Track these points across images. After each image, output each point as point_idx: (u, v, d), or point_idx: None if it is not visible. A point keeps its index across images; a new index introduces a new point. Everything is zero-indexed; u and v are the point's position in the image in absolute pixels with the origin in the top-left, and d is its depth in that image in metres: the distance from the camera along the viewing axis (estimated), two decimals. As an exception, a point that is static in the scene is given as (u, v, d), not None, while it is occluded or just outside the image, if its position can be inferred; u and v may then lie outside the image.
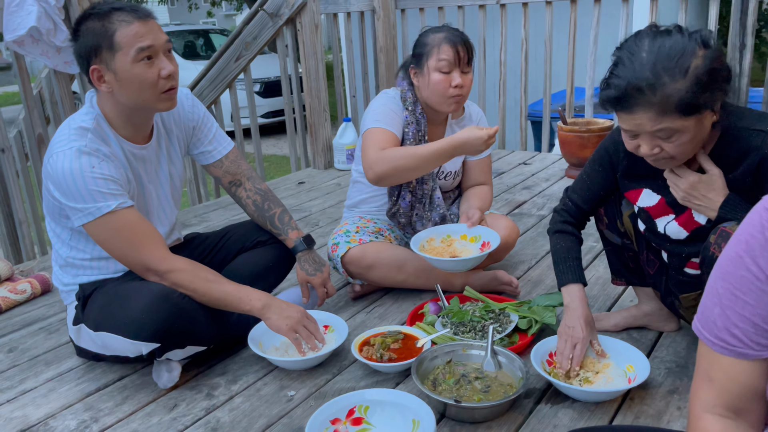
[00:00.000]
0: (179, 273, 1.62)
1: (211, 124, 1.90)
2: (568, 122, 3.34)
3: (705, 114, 1.26)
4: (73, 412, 1.61)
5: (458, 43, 1.97)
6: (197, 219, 3.18)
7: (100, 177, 1.55)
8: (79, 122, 1.60)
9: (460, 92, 1.99)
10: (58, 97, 2.79)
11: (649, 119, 1.24)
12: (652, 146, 1.30)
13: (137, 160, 1.70)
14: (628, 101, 1.24)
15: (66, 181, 1.53)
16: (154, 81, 1.57)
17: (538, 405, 1.52)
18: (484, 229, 2.02)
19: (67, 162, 1.53)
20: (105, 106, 1.63)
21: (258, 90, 8.10)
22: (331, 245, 2.11)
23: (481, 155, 2.21)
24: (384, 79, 4.24)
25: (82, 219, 1.56)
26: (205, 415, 1.56)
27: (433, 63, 1.97)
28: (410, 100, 2.08)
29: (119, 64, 1.54)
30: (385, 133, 2.00)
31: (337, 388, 1.63)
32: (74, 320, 1.73)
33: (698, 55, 1.22)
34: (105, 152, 1.59)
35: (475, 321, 1.84)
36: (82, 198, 1.54)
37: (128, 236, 1.59)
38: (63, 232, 1.70)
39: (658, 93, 1.21)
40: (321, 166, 4.01)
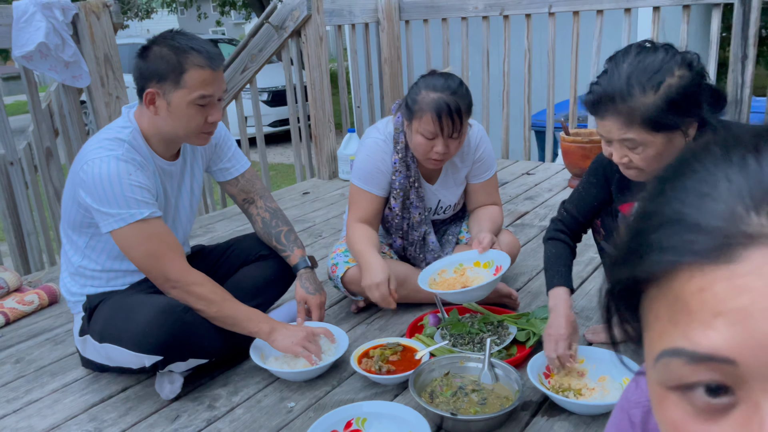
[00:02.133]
0: (199, 287, 1.66)
1: (231, 143, 1.96)
2: (570, 132, 3.36)
3: (675, 134, 1.30)
4: (77, 422, 1.64)
5: (445, 116, 1.81)
6: (202, 230, 3.21)
7: (136, 185, 1.60)
8: (115, 133, 1.66)
9: (441, 158, 1.91)
10: (67, 111, 2.84)
11: (616, 127, 1.32)
12: (621, 155, 1.37)
13: (165, 174, 1.76)
14: (600, 107, 1.33)
15: (103, 186, 1.57)
16: (200, 125, 1.65)
17: (534, 417, 1.53)
18: (496, 253, 1.93)
19: (105, 167, 1.58)
20: (143, 122, 1.69)
21: (265, 99, 8.17)
22: (331, 266, 2.13)
23: (486, 176, 2.15)
24: (388, 89, 4.28)
25: (112, 225, 1.60)
26: (207, 426, 1.59)
27: (416, 126, 1.87)
28: (402, 144, 2.00)
29: (176, 99, 1.60)
30: (364, 196, 2.02)
31: (337, 400, 1.65)
32: (80, 331, 1.77)
33: (675, 75, 1.27)
34: (140, 162, 1.65)
35: (473, 333, 1.85)
36: (117, 203, 1.58)
37: (154, 246, 1.63)
38: (80, 240, 1.75)
39: (626, 104, 1.28)
40: (326, 176, 4.05)
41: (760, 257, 0.33)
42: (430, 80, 1.88)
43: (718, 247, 0.34)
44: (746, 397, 0.34)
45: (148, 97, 1.62)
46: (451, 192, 2.14)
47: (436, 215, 2.19)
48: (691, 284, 0.35)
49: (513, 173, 3.83)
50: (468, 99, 1.88)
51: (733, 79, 3.22)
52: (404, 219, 2.09)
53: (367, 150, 2.03)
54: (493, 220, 2.13)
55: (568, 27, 3.68)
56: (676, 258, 0.35)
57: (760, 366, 0.33)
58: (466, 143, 2.08)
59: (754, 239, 0.33)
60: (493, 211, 2.17)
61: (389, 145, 2.02)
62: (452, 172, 2.10)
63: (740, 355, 0.33)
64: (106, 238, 1.68)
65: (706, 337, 0.34)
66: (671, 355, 0.36)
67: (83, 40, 2.66)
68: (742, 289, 0.33)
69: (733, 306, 0.33)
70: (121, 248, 1.64)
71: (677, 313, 0.36)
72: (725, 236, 0.34)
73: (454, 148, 1.91)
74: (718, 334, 0.33)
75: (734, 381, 0.34)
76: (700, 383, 0.35)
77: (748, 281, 0.33)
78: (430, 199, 2.13)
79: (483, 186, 2.17)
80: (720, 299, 0.34)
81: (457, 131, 1.86)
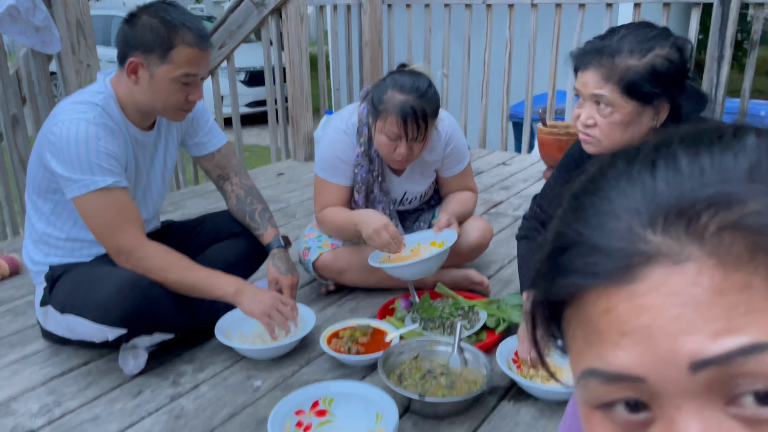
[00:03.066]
0: (151, 259, 1.61)
1: (208, 117, 1.92)
2: (548, 124, 3.37)
3: (645, 109, 1.33)
4: (36, 395, 1.59)
5: (410, 120, 1.76)
6: (173, 206, 3.15)
7: (104, 151, 1.55)
8: (89, 97, 1.61)
9: (403, 159, 1.86)
10: (35, 77, 2.75)
11: (594, 80, 1.35)
12: (588, 116, 1.39)
13: (138, 145, 1.71)
14: (586, 58, 1.37)
15: (69, 150, 1.52)
16: (179, 102, 1.62)
17: (501, 402, 1.53)
18: (449, 232, 1.94)
19: (73, 129, 1.53)
20: (120, 89, 1.64)
21: (243, 79, 8.04)
22: (303, 249, 2.10)
23: (457, 169, 2.12)
24: (368, 73, 4.24)
25: (75, 191, 1.56)
26: (170, 403, 1.56)
27: (380, 125, 1.82)
28: (365, 138, 1.95)
29: (160, 73, 1.56)
30: (328, 187, 2.00)
31: (304, 380, 1.64)
32: (42, 302, 1.72)
33: (665, 48, 1.30)
34: (111, 128, 1.60)
35: (444, 317, 1.85)
36: (81, 168, 1.53)
37: (112, 216, 1.59)
38: (45, 205, 1.69)
39: (612, 59, 1.32)
40: (301, 158, 4.00)
41: (658, 275, 0.33)
42: (399, 79, 1.81)
43: (619, 269, 0.34)
44: (661, 413, 0.34)
45: (131, 66, 1.57)
46: (418, 183, 2.11)
47: (402, 206, 2.17)
48: (598, 306, 0.35)
49: (489, 163, 3.84)
50: (435, 102, 1.82)
51: (708, 80, 3.26)
52: None
53: (329, 140, 1.99)
54: (460, 202, 2.12)
55: (550, 19, 3.68)
56: (581, 281, 0.36)
57: (666, 382, 0.33)
58: (436, 136, 2.02)
59: (651, 258, 0.34)
60: (463, 195, 2.16)
61: (351, 137, 1.97)
62: (419, 165, 2.06)
63: (648, 372, 0.34)
64: (72, 205, 1.63)
65: (615, 356, 0.34)
66: (588, 375, 0.37)
67: (55, 5, 2.57)
68: (643, 308, 0.34)
69: (636, 325, 0.34)
70: (82, 215, 1.60)
71: (590, 334, 0.36)
72: (624, 257, 0.34)
73: (417, 150, 1.87)
74: (626, 354, 0.34)
75: (649, 397, 0.35)
76: (618, 401, 0.36)
77: (648, 300, 0.33)
78: (395, 191, 2.10)
79: (455, 178, 2.15)
80: (624, 319, 0.34)
81: (422, 135, 1.81)
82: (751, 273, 0.32)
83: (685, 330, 0.32)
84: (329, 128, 2.01)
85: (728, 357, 0.32)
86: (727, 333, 0.32)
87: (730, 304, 0.32)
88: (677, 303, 0.33)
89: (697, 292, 0.32)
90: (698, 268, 0.32)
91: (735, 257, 0.32)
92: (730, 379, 0.32)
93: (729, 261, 0.32)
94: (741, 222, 0.33)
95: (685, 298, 0.32)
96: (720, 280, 0.32)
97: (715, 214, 0.33)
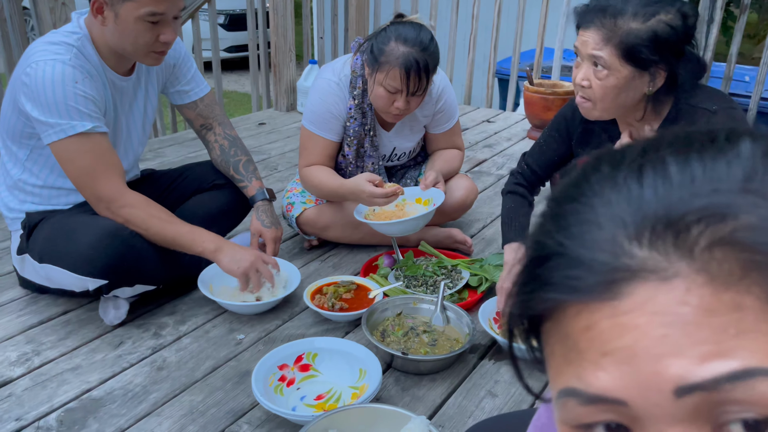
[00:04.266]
0: (132, 209, 1.58)
1: (191, 65, 1.85)
2: (534, 83, 3.34)
3: (642, 75, 1.32)
4: (14, 343, 1.58)
5: (413, 74, 1.73)
6: (152, 153, 3.08)
7: (81, 94, 1.49)
8: (63, 37, 1.53)
9: (400, 113, 1.84)
10: (8, 14, 2.62)
11: (594, 40, 1.33)
12: (584, 76, 1.38)
13: (116, 90, 1.65)
14: (588, 15, 1.34)
15: (45, 93, 1.46)
16: (149, 43, 1.53)
17: (482, 360, 1.56)
18: (436, 191, 1.94)
19: (49, 71, 1.46)
20: (95, 30, 1.56)
21: (222, 22, 7.77)
22: (286, 204, 2.08)
23: (446, 126, 2.09)
24: (353, 21, 4.13)
25: (52, 136, 1.50)
26: (152, 354, 1.55)
27: (379, 77, 1.77)
28: (359, 90, 1.90)
29: (124, 12, 1.47)
30: (316, 141, 1.94)
31: (287, 335, 1.64)
32: (18, 249, 1.68)
33: (669, 14, 1.27)
34: (89, 70, 1.53)
35: (427, 276, 1.86)
36: (58, 113, 1.47)
37: (91, 162, 1.54)
38: (21, 151, 1.63)
39: (614, 19, 1.30)
40: (283, 108, 3.93)
41: (643, 293, 0.31)
42: (402, 30, 1.76)
43: (601, 284, 0.32)
44: None
45: (96, 5, 1.49)
46: (407, 139, 2.08)
47: (390, 162, 2.15)
48: (578, 322, 0.33)
49: (473, 120, 3.81)
50: (437, 56, 1.79)
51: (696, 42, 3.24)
52: (358, 168, 2.04)
53: (320, 92, 1.93)
54: (446, 160, 2.11)
55: (542, -26, 3.60)
56: (560, 296, 0.34)
57: (649, 406, 0.31)
58: (428, 93, 1.99)
59: (636, 273, 0.31)
60: (450, 153, 2.15)
61: (343, 89, 1.92)
62: (409, 120, 2.03)
63: (629, 396, 0.32)
64: (49, 151, 1.57)
65: (596, 377, 0.32)
66: (567, 395, 0.35)
67: (26, -64, 2.43)
68: (625, 327, 0.31)
69: (619, 345, 0.32)
70: (59, 162, 1.55)
71: (569, 351, 0.34)
72: (607, 271, 0.32)
73: (415, 104, 1.84)
74: (607, 375, 0.32)
75: (630, 421, 0.33)
76: (598, 423, 0.34)
77: (631, 318, 0.31)
78: (385, 147, 2.07)
79: (443, 135, 2.13)
80: (606, 338, 0.32)
81: (422, 90, 1.79)
82: (743, 292, 0.30)
83: (671, 352, 0.30)
84: (320, 80, 1.95)
85: (716, 382, 0.30)
86: (716, 356, 0.30)
87: (720, 325, 0.30)
88: (663, 323, 0.30)
89: (684, 312, 0.30)
90: (686, 286, 0.30)
91: (726, 275, 0.30)
92: (718, 406, 0.30)
93: (720, 279, 0.30)
94: (733, 237, 0.30)
95: (672, 317, 0.30)
96: (710, 299, 0.30)
97: (706, 228, 0.31)
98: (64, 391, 1.41)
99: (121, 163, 1.62)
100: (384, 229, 1.86)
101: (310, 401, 1.38)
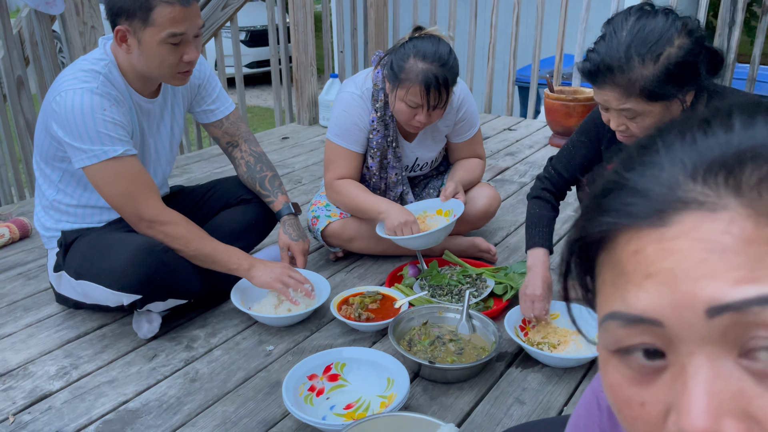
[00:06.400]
0: (174, 226, 1.63)
1: (216, 83, 1.90)
2: (554, 90, 3.34)
3: (673, 102, 1.30)
4: (53, 358, 1.63)
5: (433, 90, 1.76)
6: (179, 170, 3.15)
7: (110, 120, 1.54)
8: (91, 65, 1.59)
9: (420, 125, 1.87)
10: (39, 38, 2.71)
11: (614, 98, 1.30)
12: (619, 123, 1.36)
13: (143, 112, 1.70)
14: (599, 77, 1.31)
15: (75, 120, 1.52)
16: (174, 64, 1.58)
17: (509, 368, 1.57)
18: (456, 202, 1.97)
19: (78, 100, 1.52)
20: (120, 56, 1.62)
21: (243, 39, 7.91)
22: (311, 218, 2.12)
23: (467, 135, 2.11)
24: (373, 35, 4.18)
25: (85, 161, 1.55)
26: (185, 366, 1.59)
27: (400, 93, 1.80)
28: (381, 103, 1.93)
29: (147, 37, 1.53)
30: (342, 154, 1.97)
31: (315, 345, 1.67)
32: (55, 267, 1.74)
33: (674, 44, 1.24)
34: (116, 97, 1.58)
35: (452, 285, 1.88)
36: (90, 139, 1.53)
37: (128, 184, 1.59)
38: (53, 174, 1.69)
39: (625, 75, 1.26)
40: (305, 122, 3.98)
41: (690, 221, 0.34)
42: (420, 45, 1.78)
43: (653, 211, 0.35)
44: (675, 360, 0.35)
45: (119, 35, 1.55)
46: (429, 149, 2.11)
47: (413, 172, 2.17)
48: (629, 247, 0.36)
49: (494, 128, 3.82)
50: (456, 69, 1.81)
51: (719, 44, 3.22)
52: (381, 179, 2.07)
53: (344, 105, 1.97)
54: (467, 170, 2.13)
55: (560, -19, 3.61)
56: (615, 220, 0.37)
57: (683, 327, 0.34)
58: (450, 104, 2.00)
59: (687, 204, 0.34)
60: (471, 162, 2.16)
61: (366, 102, 1.96)
62: (431, 131, 2.06)
63: (665, 316, 0.34)
64: (81, 172, 1.63)
65: (638, 298, 0.35)
66: (610, 318, 0.37)
67: (57, -36, 2.52)
68: (669, 251, 0.34)
69: (661, 267, 0.34)
70: (94, 185, 1.60)
71: (618, 277, 0.37)
72: (661, 201, 0.35)
73: (436, 117, 1.87)
74: (648, 295, 0.35)
75: (665, 344, 0.35)
76: (636, 347, 0.36)
77: (675, 243, 0.34)
78: (407, 157, 2.10)
79: (465, 144, 2.15)
80: (650, 261, 0.35)
81: (443, 103, 1.82)
82: None
83: (708, 275, 0.33)
84: (343, 93, 1.99)
85: (746, 304, 0.32)
86: (749, 281, 0.32)
87: (757, 255, 0.32)
88: (704, 248, 0.33)
89: (725, 240, 0.33)
90: (731, 218, 0.33)
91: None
92: (747, 330, 0.32)
93: (763, 214, 0.33)
94: None
95: (713, 244, 0.33)
96: (751, 231, 0.33)
97: (757, 168, 0.33)
98: (101, 403, 1.46)
99: (155, 182, 1.68)
100: (406, 243, 1.89)
101: (339, 410, 1.41)
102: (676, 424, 0.34)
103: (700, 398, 0.33)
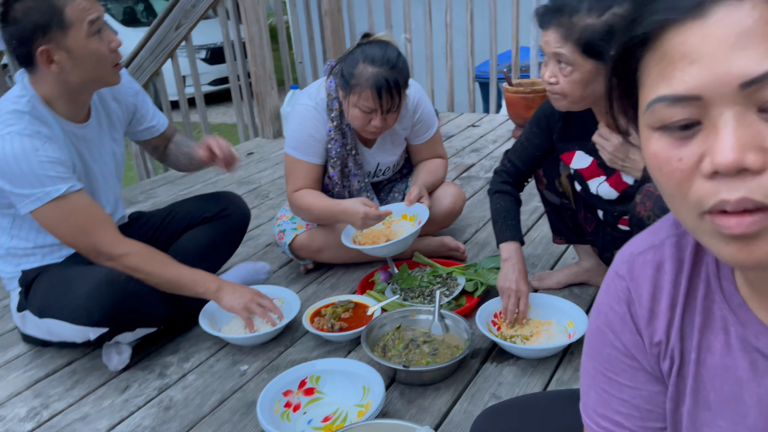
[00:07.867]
0: (133, 257, 1.60)
1: (147, 99, 1.89)
2: (513, 83, 3.37)
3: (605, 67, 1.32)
4: (22, 399, 1.59)
5: (385, 93, 1.76)
6: (144, 195, 3.11)
7: (46, 160, 1.50)
8: (12, 106, 1.53)
9: (377, 130, 1.87)
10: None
11: (554, 39, 1.36)
12: (552, 73, 1.41)
13: (79, 140, 1.65)
14: (547, 16, 1.37)
15: (10, 167, 1.47)
16: (107, 54, 1.55)
17: (484, 364, 1.57)
18: (420, 207, 1.97)
19: (8, 146, 1.47)
20: (41, 86, 1.56)
21: (204, 57, 7.86)
22: (278, 233, 2.10)
23: (426, 136, 2.11)
24: (330, 43, 4.17)
25: (29, 206, 1.51)
26: (158, 395, 1.57)
27: (354, 100, 1.80)
28: (336, 112, 1.93)
29: (73, 40, 1.49)
30: (300, 166, 1.97)
31: (290, 360, 1.66)
32: (18, 306, 1.70)
33: (623, 6, 1.27)
34: (46, 134, 1.53)
35: (423, 286, 1.88)
36: (29, 183, 1.49)
37: (79, 221, 1.56)
38: (4, 220, 1.65)
39: (570, 18, 1.32)
40: (270, 136, 3.96)
41: (724, 10, 0.44)
42: (369, 50, 1.79)
43: (695, 5, 0.45)
44: (708, 123, 0.45)
45: (44, 56, 1.49)
46: (390, 153, 2.10)
47: (376, 177, 2.17)
48: (675, 40, 0.46)
49: (458, 126, 3.84)
50: (406, 71, 1.82)
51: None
52: (344, 187, 2.06)
53: (299, 118, 1.96)
54: (430, 171, 2.13)
55: (509, -25, 3.65)
56: (663, 16, 0.46)
57: (717, 95, 0.44)
58: (405, 106, 2.01)
59: None
60: (433, 163, 2.17)
61: (321, 112, 1.95)
62: (390, 135, 2.06)
63: (705, 90, 0.44)
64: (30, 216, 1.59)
65: (683, 81, 0.45)
66: (657, 101, 0.47)
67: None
68: (708, 36, 0.44)
69: (703, 53, 0.44)
70: (45, 227, 1.56)
71: (665, 68, 0.47)
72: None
73: (392, 120, 1.87)
74: (691, 77, 0.45)
75: (701, 114, 0.45)
76: (675, 123, 0.46)
77: (713, 30, 0.44)
78: (368, 163, 2.09)
79: (425, 145, 2.15)
80: (694, 48, 0.45)
81: (396, 106, 1.82)
82: None
83: (740, 54, 0.43)
84: (298, 106, 1.98)
85: None
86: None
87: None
88: (735, 32, 0.43)
89: (749, 23, 0.43)
90: (752, 5, 0.43)
91: None
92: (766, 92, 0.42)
93: None
94: None
95: (742, 28, 0.43)
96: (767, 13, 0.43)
97: None
98: (74, 441, 1.43)
99: (106, 212, 1.64)
100: (373, 252, 1.89)
101: (317, 424, 1.40)
102: (710, 162, 0.45)
103: (729, 138, 0.44)
